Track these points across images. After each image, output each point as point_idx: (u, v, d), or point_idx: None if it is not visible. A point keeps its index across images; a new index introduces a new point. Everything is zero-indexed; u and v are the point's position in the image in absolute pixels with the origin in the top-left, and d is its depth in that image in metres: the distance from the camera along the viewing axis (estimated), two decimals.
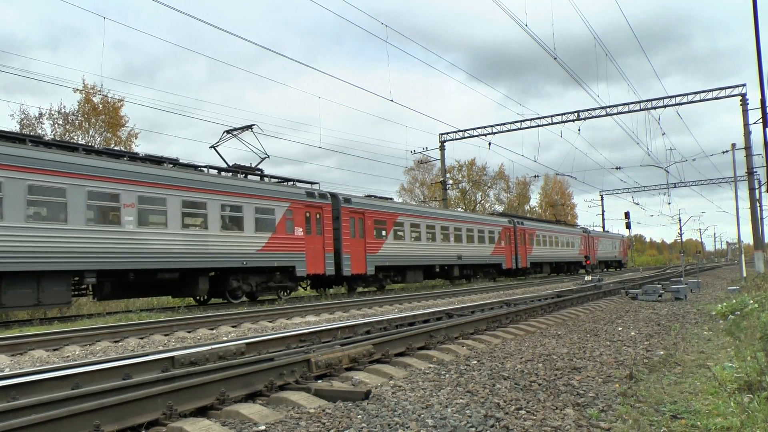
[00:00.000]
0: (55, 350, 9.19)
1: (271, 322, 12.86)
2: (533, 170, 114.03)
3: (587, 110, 36.64)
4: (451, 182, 56.82)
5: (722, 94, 34.20)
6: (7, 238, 13.16)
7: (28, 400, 4.16)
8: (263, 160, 21.29)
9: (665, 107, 35.32)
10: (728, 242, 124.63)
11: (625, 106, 36.01)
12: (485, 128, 39.90)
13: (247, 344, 7.16)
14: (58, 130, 28.82)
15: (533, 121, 38.09)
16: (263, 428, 4.03)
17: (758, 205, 35.07)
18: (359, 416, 4.25)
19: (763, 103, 14.21)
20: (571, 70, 49.48)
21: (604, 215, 74.05)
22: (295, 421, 4.18)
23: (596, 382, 5.64)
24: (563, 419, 4.33)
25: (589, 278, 27.81)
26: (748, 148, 33.71)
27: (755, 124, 29.96)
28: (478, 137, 40.41)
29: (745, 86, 33.47)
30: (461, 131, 41.02)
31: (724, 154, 38.03)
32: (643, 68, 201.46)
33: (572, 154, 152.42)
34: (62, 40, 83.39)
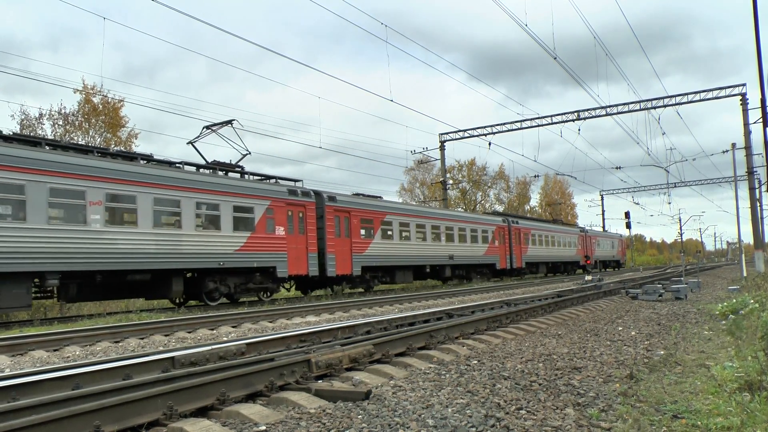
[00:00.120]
0: (55, 351, 9.21)
1: (271, 322, 12.87)
2: (533, 170, 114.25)
3: (587, 110, 36.68)
4: (451, 182, 56.82)
5: (722, 93, 34.22)
6: None
7: (28, 400, 4.16)
8: (244, 156, 20.82)
9: (665, 107, 35.35)
10: (728, 242, 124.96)
11: (625, 105, 36.01)
12: (485, 128, 39.91)
13: (247, 344, 7.16)
14: (58, 130, 28.84)
15: (533, 121, 38.11)
16: (263, 428, 4.03)
17: (758, 204, 35.07)
18: (360, 416, 4.25)
19: (763, 102, 14.21)
20: (571, 70, 49.57)
21: (604, 215, 74.08)
22: (295, 421, 4.17)
23: (597, 381, 5.64)
24: (564, 419, 4.33)
25: (589, 278, 27.81)
26: (748, 147, 33.74)
27: (755, 123, 29.96)
28: (478, 137, 40.45)
29: (745, 86, 33.53)
30: (461, 131, 41.03)
31: (724, 153, 38.10)
32: (643, 68, 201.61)
33: (572, 154, 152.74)
34: (62, 40, 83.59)
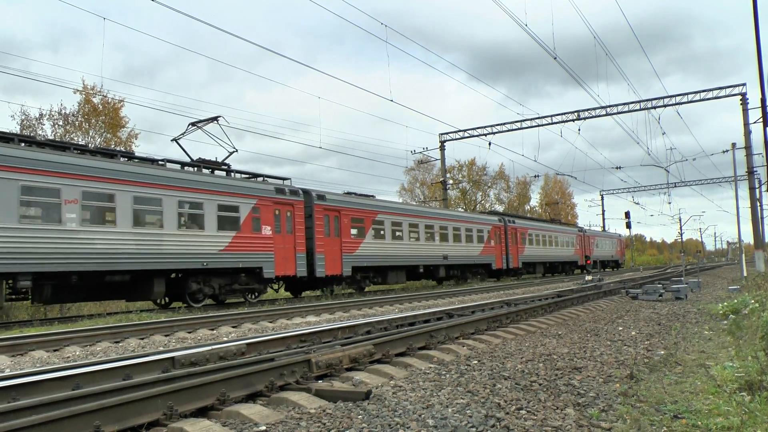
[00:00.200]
0: (55, 351, 9.21)
1: (271, 322, 12.87)
2: (533, 170, 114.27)
3: (587, 110, 36.68)
4: (451, 182, 56.81)
5: (722, 93, 34.22)
6: None
7: (28, 400, 4.16)
8: (231, 154, 20.34)
9: (665, 107, 35.35)
10: (729, 242, 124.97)
11: (625, 105, 36.01)
12: (485, 128, 39.91)
13: (247, 344, 7.16)
14: (58, 131, 28.84)
15: (533, 120, 38.11)
16: (264, 428, 4.03)
17: (758, 204, 35.07)
18: (360, 416, 4.25)
19: (763, 102, 14.21)
20: (571, 69, 49.56)
21: (604, 215, 74.11)
22: (295, 421, 4.17)
23: (597, 381, 5.64)
24: (564, 419, 4.33)
25: (589, 278, 27.83)
26: (748, 147, 33.74)
27: (755, 123, 29.95)
28: (478, 137, 40.45)
29: (745, 86, 33.54)
30: (461, 131, 41.02)
31: (724, 153, 38.09)
32: (643, 68, 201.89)
33: (572, 153, 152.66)
34: (62, 40, 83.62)
